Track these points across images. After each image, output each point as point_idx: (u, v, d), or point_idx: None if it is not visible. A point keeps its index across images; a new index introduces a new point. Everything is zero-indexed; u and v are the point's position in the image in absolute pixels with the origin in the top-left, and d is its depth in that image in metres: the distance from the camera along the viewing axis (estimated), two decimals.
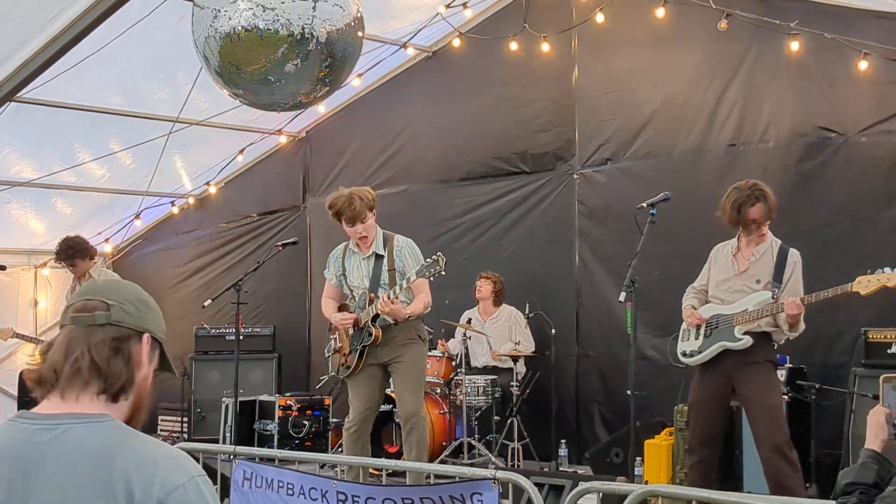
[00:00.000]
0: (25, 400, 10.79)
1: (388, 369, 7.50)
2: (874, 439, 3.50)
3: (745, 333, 6.55)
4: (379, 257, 7.46)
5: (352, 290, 7.54)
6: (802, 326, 6.60)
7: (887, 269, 6.33)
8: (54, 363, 2.51)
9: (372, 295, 7.38)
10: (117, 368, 2.54)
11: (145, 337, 2.65)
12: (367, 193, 7.57)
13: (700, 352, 6.71)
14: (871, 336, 7.95)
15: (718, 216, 6.86)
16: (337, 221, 7.49)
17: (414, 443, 7.34)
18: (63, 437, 2.43)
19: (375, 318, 7.31)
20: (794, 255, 6.72)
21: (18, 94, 9.46)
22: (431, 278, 7.13)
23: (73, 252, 9.96)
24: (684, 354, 6.82)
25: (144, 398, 2.64)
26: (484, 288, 9.92)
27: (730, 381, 6.69)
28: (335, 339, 7.72)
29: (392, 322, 7.29)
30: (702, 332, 6.73)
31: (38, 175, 11.07)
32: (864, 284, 6.37)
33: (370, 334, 7.31)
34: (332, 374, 7.94)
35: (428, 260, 7.10)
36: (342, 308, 7.58)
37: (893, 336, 7.85)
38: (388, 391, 8.89)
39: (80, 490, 2.38)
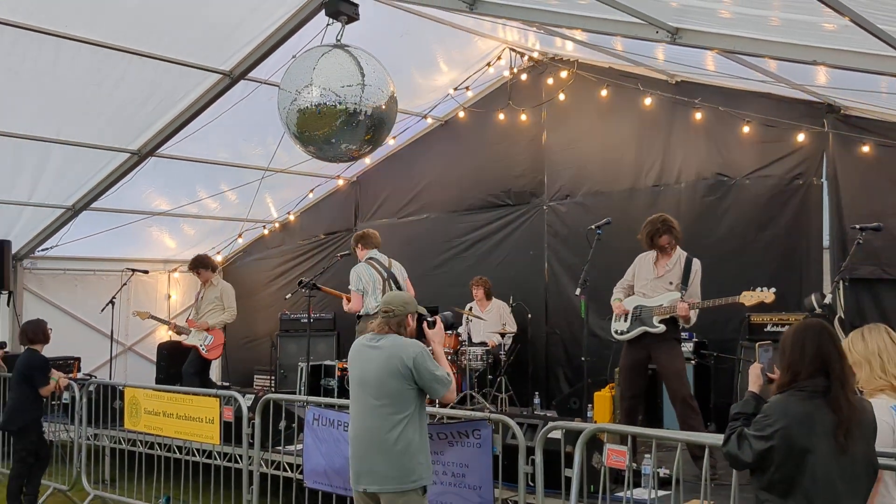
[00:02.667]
0: (162, 365, 10.76)
1: None
2: (752, 385, 3.59)
3: (661, 322, 6.53)
4: None
5: None
6: (693, 320, 6.54)
7: (765, 289, 6.27)
8: (381, 317, 4.65)
9: None
10: (394, 326, 4.63)
11: (410, 316, 4.70)
12: None
13: (628, 332, 6.65)
14: (752, 319, 7.93)
15: (638, 239, 6.85)
16: None
17: None
18: (382, 341, 4.57)
19: None
20: (696, 264, 6.66)
21: (157, 152, 9.54)
22: None
23: (198, 265, 9.96)
24: (616, 332, 6.76)
25: (410, 334, 4.66)
26: (477, 292, 9.89)
27: (648, 353, 6.65)
28: None
29: None
30: (629, 317, 6.69)
31: (170, 207, 11.13)
32: (748, 298, 6.33)
33: None
34: None
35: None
36: None
37: (768, 319, 7.84)
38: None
39: (388, 358, 4.48)
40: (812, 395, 3.21)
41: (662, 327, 6.50)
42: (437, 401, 7.33)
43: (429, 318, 4.82)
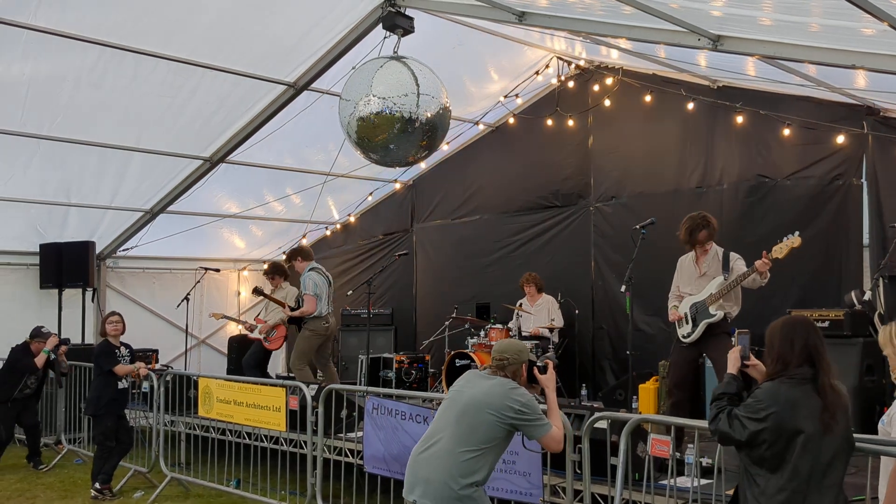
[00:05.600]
0: (233, 356, 10.96)
1: None
2: (732, 367, 3.75)
3: (717, 310, 6.40)
4: None
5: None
6: (768, 276, 6.32)
7: (790, 236, 6.15)
8: (495, 364, 4.26)
9: None
10: (510, 375, 4.22)
11: (524, 365, 4.30)
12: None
13: (693, 331, 6.50)
14: (793, 315, 7.76)
15: (678, 235, 6.76)
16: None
17: None
18: (497, 378, 4.20)
19: None
20: (735, 255, 6.56)
21: (227, 158, 9.70)
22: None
23: (271, 271, 10.16)
24: (684, 337, 6.59)
25: (522, 384, 4.25)
26: (529, 288, 9.85)
27: (699, 350, 6.55)
28: None
29: None
30: (689, 319, 6.55)
31: (239, 210, 11.30)
32: (779, 250, 6.17)
33: None
34: None
35: None
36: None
37: (808, 314, 7.65)
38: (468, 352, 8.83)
39: (497, 394, 4.10)
40: (801, 382, 3.38)
41: (719, 314, 6.38)
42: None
43: (539, 364, 4.39)
